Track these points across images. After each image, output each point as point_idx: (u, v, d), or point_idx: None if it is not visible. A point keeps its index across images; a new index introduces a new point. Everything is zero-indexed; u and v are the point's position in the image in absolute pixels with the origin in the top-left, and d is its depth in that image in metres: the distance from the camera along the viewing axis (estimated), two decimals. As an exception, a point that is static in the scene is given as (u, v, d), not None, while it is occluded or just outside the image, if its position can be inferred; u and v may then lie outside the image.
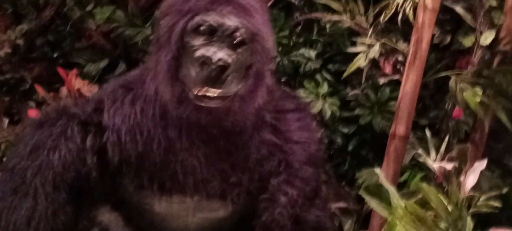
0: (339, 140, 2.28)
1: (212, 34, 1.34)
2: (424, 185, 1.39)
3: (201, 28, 1.34)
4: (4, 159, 2.13)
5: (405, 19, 1.87)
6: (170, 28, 1.36)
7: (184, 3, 1.35)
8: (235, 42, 1.34)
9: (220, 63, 1.31)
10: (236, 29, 1.34)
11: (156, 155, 1.48)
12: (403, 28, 1.97)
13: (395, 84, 2.20)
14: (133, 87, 1.52)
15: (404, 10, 1.76)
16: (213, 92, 1.33)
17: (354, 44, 2.21)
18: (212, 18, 1.33)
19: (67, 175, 1.47)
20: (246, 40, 1.35)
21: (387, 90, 2.23)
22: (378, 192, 1.37)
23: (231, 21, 1.33)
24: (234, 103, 1.38)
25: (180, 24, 1.34)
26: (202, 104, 1.34)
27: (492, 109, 1.81)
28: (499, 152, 2.10)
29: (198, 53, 1.33)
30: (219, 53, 1.32)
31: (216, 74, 1.32)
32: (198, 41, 1.34)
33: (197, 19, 1.34)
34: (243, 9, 1.34)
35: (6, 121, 2.30)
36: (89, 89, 2.21)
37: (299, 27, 2.41)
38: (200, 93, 1.33)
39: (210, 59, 1.31)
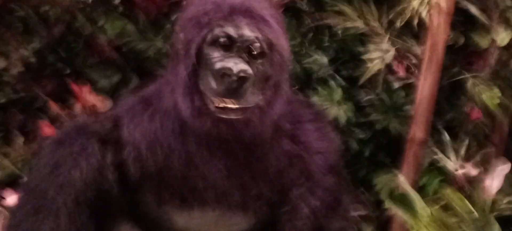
0: (355, 146, 2.26)
1: (231, 46, 1.33)
2: (449, 191, 1.39)
3: (221, 39, 1.33)
4: (22, 177, 2.13)
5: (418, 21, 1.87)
6: (188, 41, 1.35)
7: (203, 16, 1.34)
8: (254, 53, 1.34)
9: (241, 74, 1.30)
10: (255, 40, 1.33)
11: (176, 169, 1.47)
12: (415, 30, 1.96)
13: (409, 88, 2.19)
14: (152, 102, 1.52)
15: (420, 14, 1.75)
16: (233, 104, 1.32)
17: (366, 48, 2.21)
18: (231, 30, 1.33)
19: (89, 192, 1.46)
20: (265, 51, 1.34)
21: (402, 93, 2.21)
22: (403, 200, 1.36)
23: (250, 32, 1.33)
24: (254, 114, 1.37)
25: (199, 36, 1.34)
26: (223, 116, 1.34)
27: (511, 110, 1.79)
28: (517, 152, 2.08)
29: (218, 65, 1.32)
30: (239, 65, 1.31)
31: (237, 86, 1.31)
32: (217, 53, 1.33)
33: (216, 31, 1.33)
34: (262, 19, 1.34)
35: (21, 138, 2.29)
36: (103, 105, 2.20)
37: (310, 34, 2.40)
38: (220, 106, 1.33)
39: (230, 71, 1.30)
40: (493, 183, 1.44)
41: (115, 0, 2.37)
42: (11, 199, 1.86)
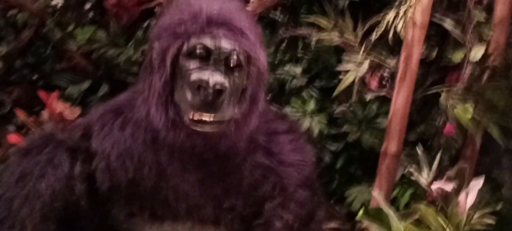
0: (327, 158, 2.25)
1: (208, 57, 1.30)
2: (422, 207, 1.39)
3: (197, 50, 1.30)
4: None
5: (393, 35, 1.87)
6: (164, 50, 1.32)
7: (179, 26, 1.32)
8: (231, 65, 1.31)
9: (217, 87, 1.28)
10: (232, 52, 1.31)
11: (147, 181, 1.44)
12: (389, 43, 1.96)
13: (382, 100, 2.19)
14: (123, 111, 1.49)
15: (395, 27, 1.74)
16: (209, 116, 1.30)
17: (339, 60, 2.20)
18: (208, 41, 1.30)
19: (55, 204, 1.43)
20: (242, 63, 1.32)
21: (374, 106, 2.20)
22: (377, 215, 1.35)
23: (227, 44, 1.30)
24: (229, 127, 1.35)
25: (174, 46, 1.31)
26: (198, 128, 1.31)
27: (483, 125, 1.80)
28: (487, 165, 2.10)
29: (194, 76, 1.30)
30: (215, 77, 1.28)
31: (212, 99, 1.28)
32: (193, 64, 1.31)
33: (192, 41, 1.30)
34: (239, 31, 1.32)
35: (-15, 146, 2.23)
36: (71, 112, 2.16)
37: (284, 44, 2.39)
38: (195, 118, 1.30)
39: (206, 83, 1.28)
40: (468, 198, 1.44)
41: (86, 6, 2.33)
42: (-26, 209, 1.79)
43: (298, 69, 2.32)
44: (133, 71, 2.24)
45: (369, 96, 2.17)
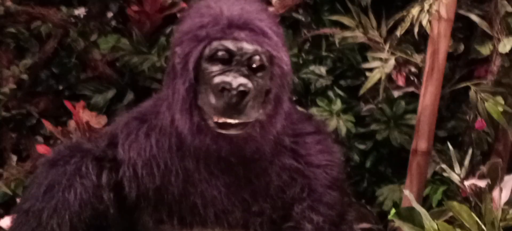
0: (356, 157, 2.23)
1: (230, 60, 1.29)
2: (456, 204, 1.35)
3: (219, 53, 1.29)
4: (16, 198, 2.08)
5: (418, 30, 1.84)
6: (186, 55, 1.31)
7: (200, 29, 1.30)
8: (254, 67, 1.30)
9: (241, 88, 1.26)
10: (255, 54, 1.29)
11: (174, 188, 1.44)
12: (415, 38, 1.93)
13: (410, 97, 2.16)
14: (147, 118, 1.48)
15: (420, 22, 1.71)
16: (233, 119, 1.28)
17: (364, 58, 2.18)
18: (230, 43, 1.29)
19: (84, 214, 1.43)
20: (265, 64, 1.31)
21: (402, 103, 2.18)
22: (410, 215, 1.32)
23: (249, 46, 1.29)
24: (255, 129, 1.34)
25: (197, 50, 1.30)
26: (223, 132, 1.30)
27: (515, 118, 1.76)
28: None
29: (217, 79, 1.28)
30: (239, 79, 1.27)
31: (237, 101, 1.27)
32: (216, 67, 1.29)
33: (214, 44, 1.29)
34: (261, 32, 1.30)
35: (14, 158, 2.25)
36: (97, 121, 2.16)
37: (308, 44, 2.37)
38: (220, 121, 1.29)
39: (230, 85, 1.26)
40: (502, 194, 1.40)
41: (108, 14, 2.34)
42: (5, 221, 1.81)
43: (323, 69, 2.30)
44: (157, 77, 2.24)
45: (396, 94, 2.14)
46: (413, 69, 2.05)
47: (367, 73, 2.00)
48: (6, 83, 2.26)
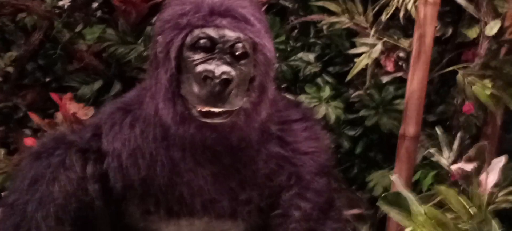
0: (345, 144, 2.22)
1: (213, 47, 1.28)
2: (443, 188, 1.34)
3: (201, 41, 1.28)
4: (2, 192, 2.07)
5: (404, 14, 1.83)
6: (167, 44, 1.30)
7: (181, 17, 1.29)
8: (237, 54, 1.28)
9: (224, 76, 1.25)
10: (238, 41, 1.28)
11: (160, 178, 1.42)
12: (402, 23, 1.92)
13: (399, 82, 2.15)
14: (131, 109, 1.47)
15: (406, 6, 1.70)
16: (217, 108, 1.27)
17: (353, 44, 2.17)
18: (211, 31, 1.27)
19: (69, 206, 1.42)
20: (248, 51, 1.29)
21: (391, 88, 2.17)
22: (396, 200, 1.31)
23: (231, 33, 1.27)
24: (239, 118, 1.33)
25: (178, 39, 1.28)
26: (207, 121, 1.29)
27: (503, 101, 1.74)
28: (510, 142, 2.05)
29: (200, 68, 1.27)
30: (221, 67, 1.26)
31: (220, 89, 1.26)
32: (198, 55, 1.28)
33: (196, 32, 1.28)
34: (243, 19, 1.28)
35: (2, 151, 2.23)
36: (85, 113, 2.15)
37: (296, 31, 2.36)
38: (204, 110, 1.28)
39: (212, 73, 1.25)
40: (489, 177, 1.39)
41: (93, 5, 2.32)
42: (-9, 215, 1.80)
43: (311, 56, 2.29)
44: (144, 68, 2.22)
45: (385, 79, 2.13)
46: (401, 54, 2.04)
47: (355, 60, 1.98)
48: (-8, 76, 2.25)
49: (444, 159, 1.68)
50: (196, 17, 1.28)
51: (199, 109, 1.28)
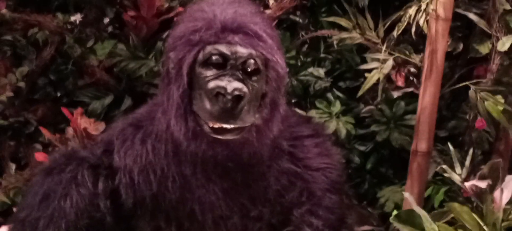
0: (356, 159, 2.21)
1: (225, 64, 1.27)
2: (456, 205, 1.33)
3: (213, 58, 1.27)
4: (14, 207, 2.07)
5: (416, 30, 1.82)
6: (179, 60, 1.29)
7: (194, 34, 1.29)
8: (249, 70, 1.28)
9: (236, 93, 1.24)
10: (249, 57, 1.27)
11: (171, 194, 1.42)
12: (412, 38, 1.92)
13: (410, 97, 2.15)
14: (143, 125, 1.47)
15: (417, 22, 1.70)
16: (229, 124, 1.27)
17: (363, 59, 2.17)
18: (224, 47, 1.27)
19: (80, 222, 1.42)
20: (260, 68, 1.29)
21: (402, 103, 2.16)
22: (410, 218, 1.30)
23: (243, 49, 1.27)
24: (251, 134, 1.32)
25: (190, 55, 1.28)
26: (219, 137, 1.28)
27: (516, 117, 1.74)
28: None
29: (212, 84, 1.26)
30: (233, 84, 1.25)
31: (232, 106, 1.25)
32: (210, 72, 1.28)
33: (208, 49, 1.27)
34: (256, 35, 1.28)
35: (13, 166, 2.24)
36: (95, 128, 2.15)
37: (306, 46, 2.36)
38: (216, 126, 1.27)
39: (225, 90, 1.24)
40: (503, 194, 1.38)
41: (105, 20, 2.33)
42: (2, 230, 1.80)
43: (321, 71, 2.30)
44: (155, 83, 2.24)
45: (396, 94, 2.13)
46: (412, 69, 2.04)
47: (366, 75, 1.98)
48: (3, 91, 2.26)
49: (456, 175, 1.66)
50: (208, 34, 1.27)
51: (211, 125, 1.27)
